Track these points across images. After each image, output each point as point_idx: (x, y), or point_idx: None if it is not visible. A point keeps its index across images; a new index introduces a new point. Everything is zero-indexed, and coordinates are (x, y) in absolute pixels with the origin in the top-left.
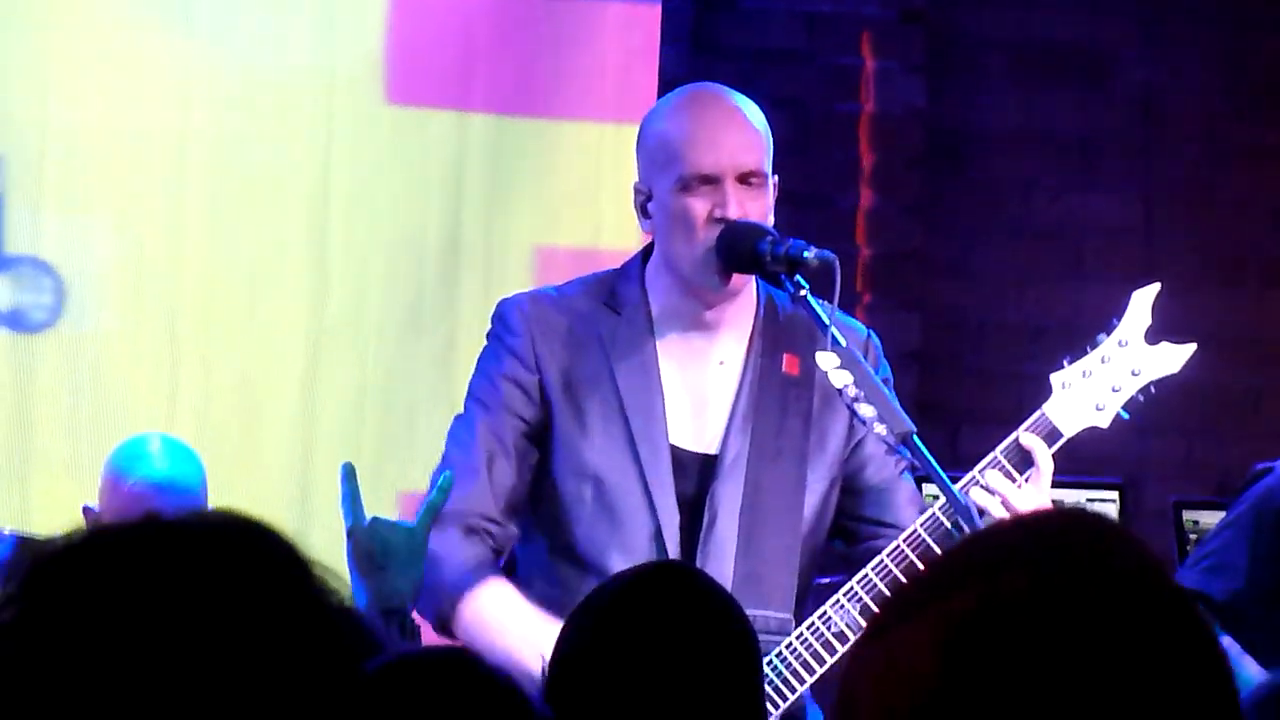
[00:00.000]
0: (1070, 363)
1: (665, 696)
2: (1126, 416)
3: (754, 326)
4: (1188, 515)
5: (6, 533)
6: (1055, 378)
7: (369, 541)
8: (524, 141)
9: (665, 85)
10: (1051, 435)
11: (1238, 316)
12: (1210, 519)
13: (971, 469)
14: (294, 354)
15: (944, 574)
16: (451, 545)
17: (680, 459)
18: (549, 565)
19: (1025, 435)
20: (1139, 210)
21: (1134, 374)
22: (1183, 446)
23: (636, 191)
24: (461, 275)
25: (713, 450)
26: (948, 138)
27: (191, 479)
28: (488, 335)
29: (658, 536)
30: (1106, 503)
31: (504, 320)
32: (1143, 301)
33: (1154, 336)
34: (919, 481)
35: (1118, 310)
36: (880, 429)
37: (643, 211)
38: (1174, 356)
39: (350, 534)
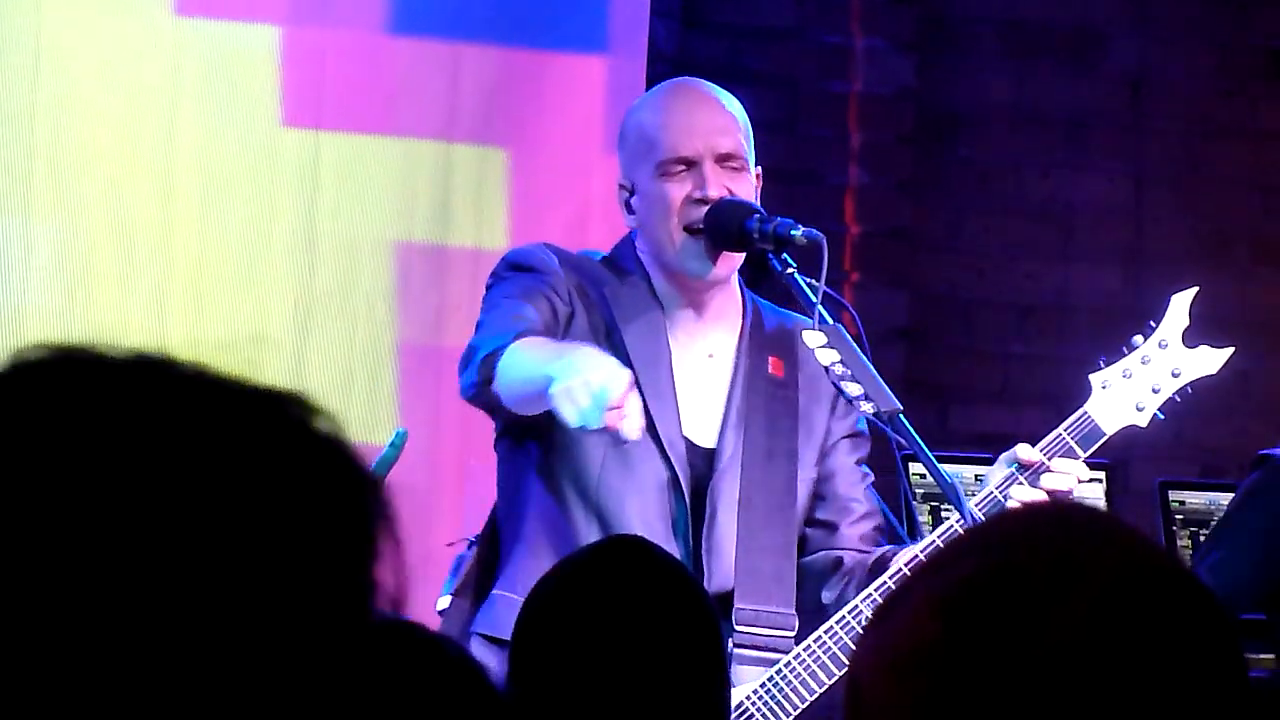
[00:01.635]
0: (1106, 364)
1: (627, 669)
2: (1162, 418)
3: (743, 325)
4: (1174, 496)
5: None
6: (1095, 378)
7: None
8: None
9: (655, 61)
10: (1093, 434)
11: (1226, 297)
12: (1196, 499)
13: (958, 447)
14: (282, 325)
15: (941, 557)
16: (503, 319)
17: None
18: (564, 522)
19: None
20: (1128, 189)
21: (1174, 375)
22: (1170, 428)
23: (620, 188)
24: (450, 251)
25: (709, 444)
26: (937, 116)
27: None
28: (511, 270)
29: (674, 484)
30: (1094, 483)
31: (534, 257)
32: (1181, 304)
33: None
34: (905, 461)
35: (1106, 289)
36: (867, 407)
37: (627, 207)
38: (1213, 359)
39: None
